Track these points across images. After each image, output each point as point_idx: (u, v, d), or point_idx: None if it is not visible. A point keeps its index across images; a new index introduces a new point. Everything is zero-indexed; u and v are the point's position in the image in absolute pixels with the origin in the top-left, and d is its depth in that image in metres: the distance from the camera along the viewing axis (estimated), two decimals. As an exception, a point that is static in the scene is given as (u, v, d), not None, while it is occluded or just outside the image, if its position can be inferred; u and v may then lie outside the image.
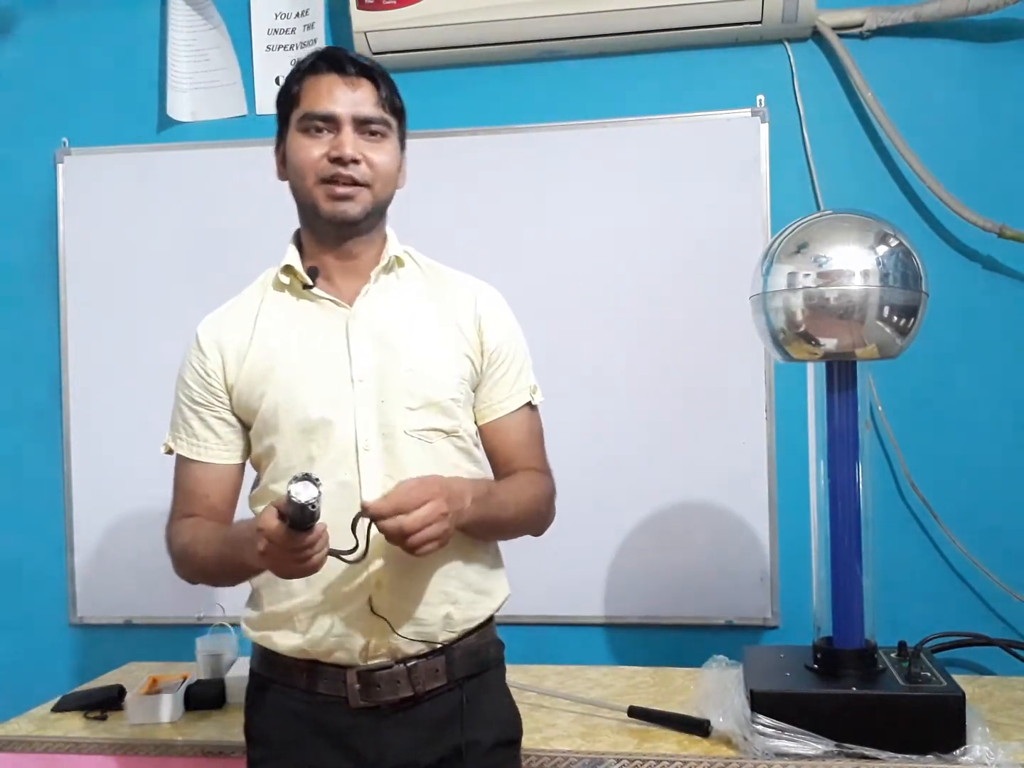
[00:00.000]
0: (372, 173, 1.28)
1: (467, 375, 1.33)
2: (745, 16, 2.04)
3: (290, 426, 1.28)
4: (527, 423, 1.40)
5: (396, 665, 1.27)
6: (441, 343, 1.32)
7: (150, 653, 2.25)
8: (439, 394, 1.29)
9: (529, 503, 1.35)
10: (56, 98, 2.35)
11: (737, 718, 1.57)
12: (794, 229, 1.62)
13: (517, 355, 1.39)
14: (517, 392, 1.38)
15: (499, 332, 1.37)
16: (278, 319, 1.34)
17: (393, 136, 1.31)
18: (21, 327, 2.36)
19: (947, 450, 2.06)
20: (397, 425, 1.27)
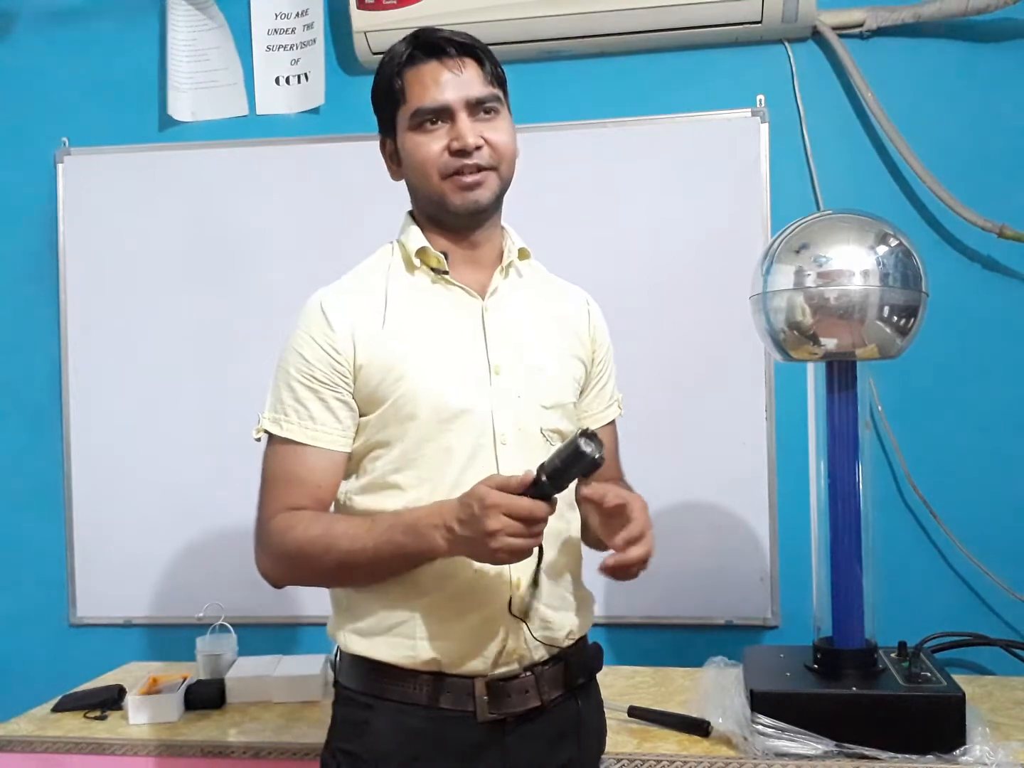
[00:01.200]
0: (496, 155, 1.22)
1: (580, 379, 1.34)
2: (745, 16, 2.04)
3: (429, 414, 1.19)
4: (614, 434, 1.42)
5: (524, 673, 1.20)
6: (561, 346, 1.31)
7: (150, 653, 2.25)
8: (565, 396, 1.29)
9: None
10: (56, 98, 2.35)
11: (737, 718, 1.57)
12: (794, 229, 1.62)
13: (611, 367, 1.41)
14: (612, 403, 1.41)
15: (605, 342, 1.39)
16: (411, 302, 1.25)
17: (505, 109, 1.25)
18: (21, 327, 2.35)
19: (947, 450, 2.06)
20: (533, 422, 1.23)
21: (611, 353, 1.41)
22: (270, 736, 1.70)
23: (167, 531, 2.26)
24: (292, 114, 2.28)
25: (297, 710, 1.84)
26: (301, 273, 2.25)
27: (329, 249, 2.23)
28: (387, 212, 2.36)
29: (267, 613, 2.22)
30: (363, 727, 1.20)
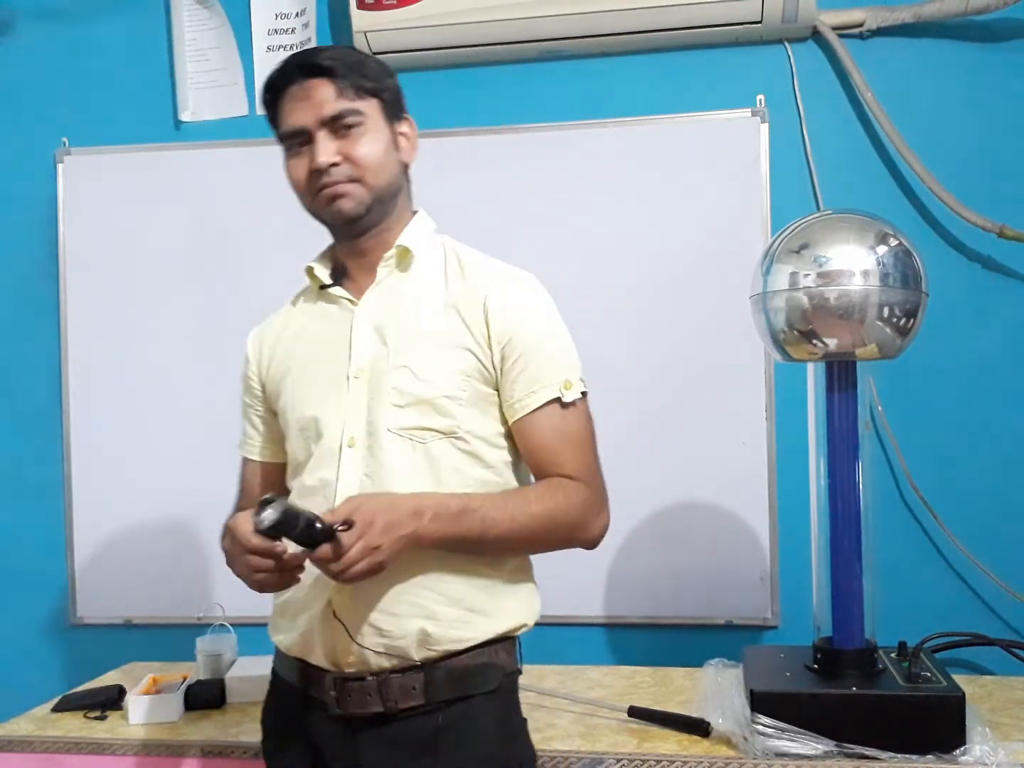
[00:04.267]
0: (357, 169, 1.25)
1: (471, 371, 1.24)
2: (745, 16, 2.04)
3: (293, 424, 1.31)
4: (555, 423, 1.26)
5: (369, 678, 1.21)
6: (440, 337, 1.25)
7: (150, 653, 2.25)
8: (430, 391, 1.23)
9: (540, 515, 1.22)
10: (56, 98, 2.35)
11: (737, 718, 1.57)
12: (794, 229, 1.62)
13: (540, 348, 1.26)
14: (541, 388, 1.25)
15: (511, 323, 1.25)
16: (301, 321, 1.37)
17: (371, 120, 1.26)
18: (21, 327, 2.36)
19: (947, 450, 2.06)
20: (381, 423, 1.23)
21: (536, 334, 1.27)
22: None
23: (167, 531, 2.26)
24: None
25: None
26: (301, 273, 2.24)
27: (329, 249, 2.23)
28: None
29: (267, 613, 2.21)
30: (267, 700, 1.38)
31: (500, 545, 1.23)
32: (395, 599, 1.21)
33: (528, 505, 1.23)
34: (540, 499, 1.24)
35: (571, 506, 1.24)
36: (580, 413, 1.29)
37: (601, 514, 1.28)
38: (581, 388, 1.29)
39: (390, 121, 1.30)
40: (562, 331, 1.31)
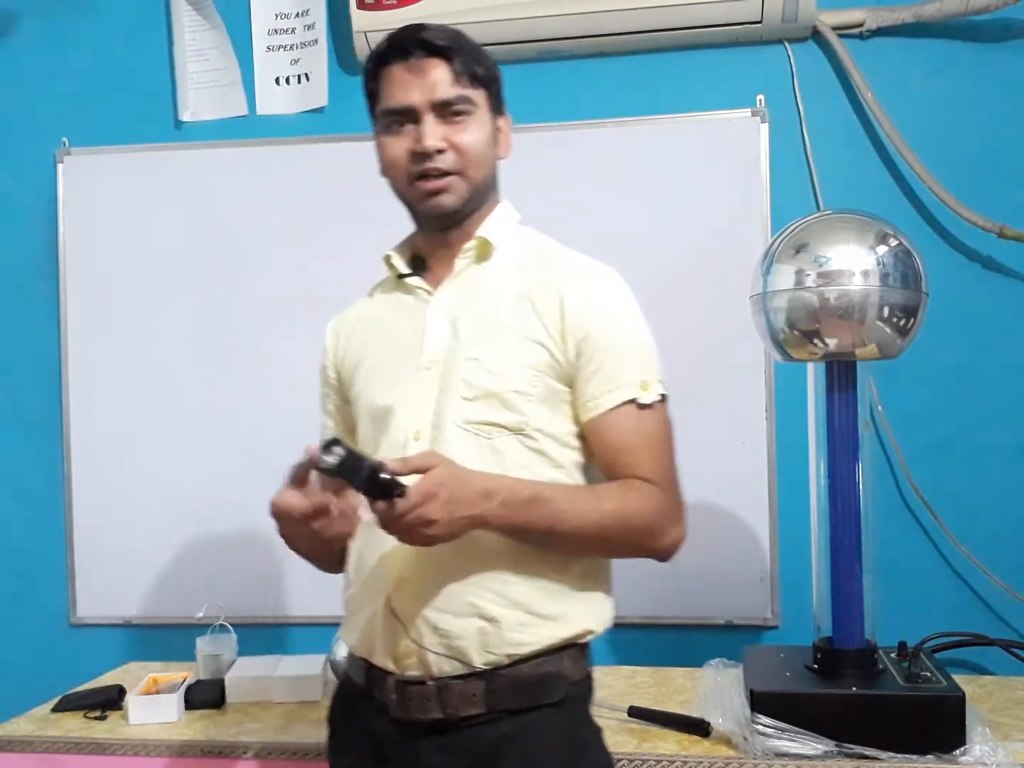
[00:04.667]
0: (461, 159, 1.21)
1: (543, 366, 1.19)
2: (745, 16, 2.04)
3: (364, 413, 1.29)
4: (632, 424, 1.19)
5: (429, 683, 1.16)
6: (513, 330, 1.20)
7: (150, 653, 2.25)
8: (500, 385, 1.18)
9: (611, 514, 1.16)
10: (56, 98, 2.35)
11: (737, 718, 1.57)
12: (794, 229, 1.62)
13: (618, 345, 1.21)
14: (617, 388, 1.19)
15: (588, 318, 1.20)
16: (378, 311, 1.35)
17: (479, 109, 1.22)
18: (21, 327, 2.36)
19: (947, 450, 2.06)
20: (449, 416, 1.19)
21: (615, 330, 1.22)
22: (270, 736, 1.70)
23: (167, 531, 2.26)
24: (292, 114, 2.28)
25: (297, 710, 1.84)
26: (301, 273, 2.25)
27: (329, 249, 2.23)
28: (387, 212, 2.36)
29: (267, 613, 2.22)
30: (334, 695, 1.34)
31: (568, 541, 1.16)
32: (454, 598, 1.16)
33: (600, 502, 1.17)
34: (612, 497, 1.18)
35: (645, 509, 1.18)
36: (658, 416, 1.22)
37: (676, 525, 1.20)
38: (660, 390, 1.22)
39: (493, 114, 1.26)
40: (642, 329, 1.25)
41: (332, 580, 2.19)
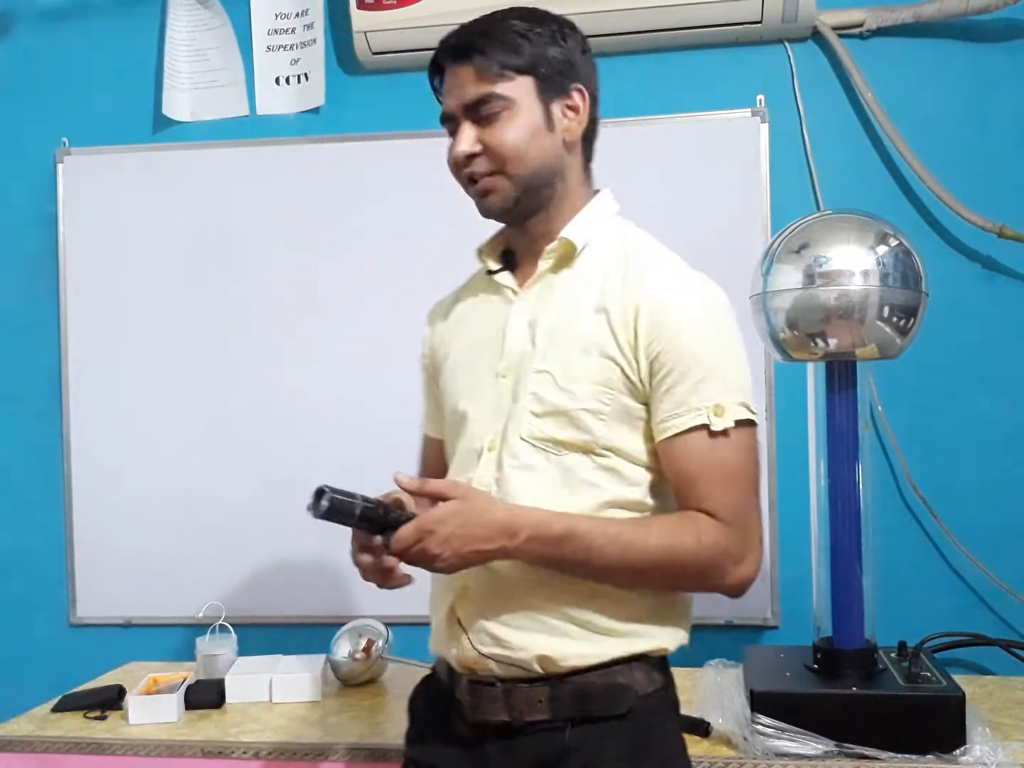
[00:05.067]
0: (497, 159, 1.16)
1: (614, 383, 1.13)
2: (745, 16, 2.04)
3: (448, 415, 1.28)
4: (702, 452, 1.11)
5: (498, 684, 1.15)
6: (588, 342, 1.14)
7: (150, 653, 2.25)
8: (569, 402, 1.13)
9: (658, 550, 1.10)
10: (56, 98, 2.35)
11: (737, 718, 1.57)
12: (794, 229, 1.62)
13: (692, 366, 1.11)
14: (688, 412, 1.11)
15: (663, 335, 1.11)
16: (469, 303, 1.31)
17: (519, 103, 1.16)
18: (21, 327, 2.35)
19: (947, 450, 2.06)
20: (517, 430, 1.16)
21: (693, 347, 1.12)
22: (270, 736, 1.70)
23: (167, 531, 2.26)
24: (292, 114, 2.28)
25: (297, 710, 1.84)
26: (301, 273, 2.25)
27: (329, 249, 2.23)
28: (387, 212, 2.37)
29: (267, 613, 2.22)
30: (421, 685, 1.31)
31: (609, 576, 1.12)
32: (517, 611, 1.14)
33: (648, 537, 1.10)
34: (663, 533, 1.11)
35: (701, 547, 1.10)
36: (735, 444, 1.12)
37: (742, 563, 1.12)
38: (740, 415, 1.12)
39: (546, 98, 1.17)
40: (724, 349, 1.14)
41: (332, 580, 2.20)
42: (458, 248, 1.38)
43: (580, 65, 1.20)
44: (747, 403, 1.13)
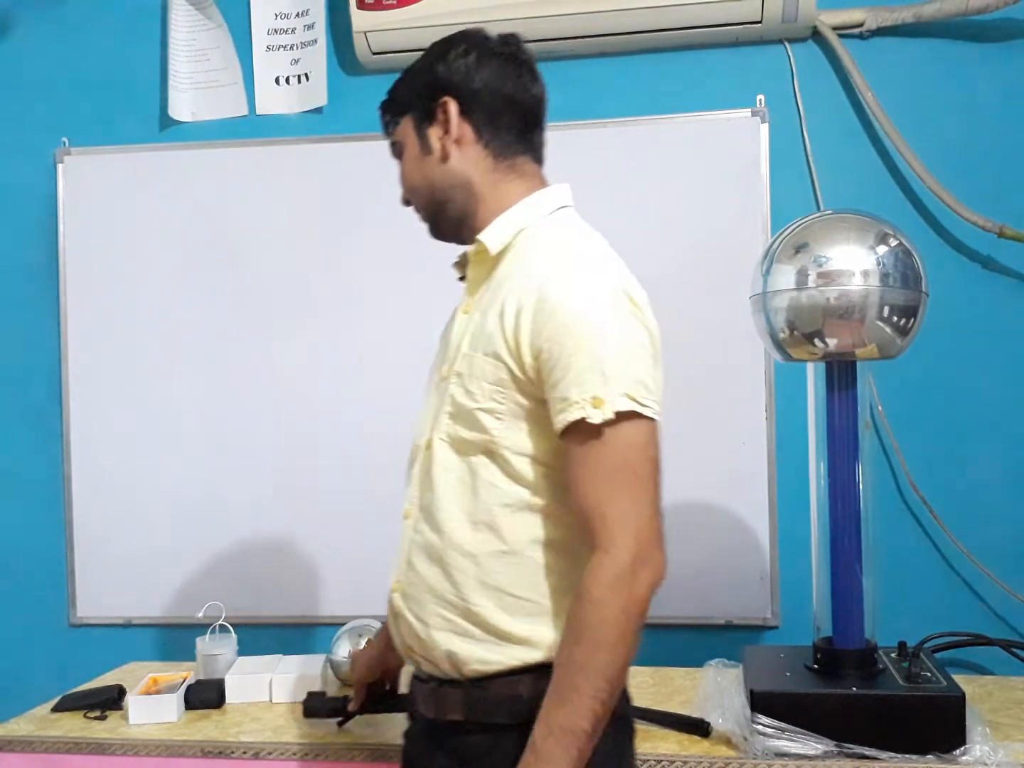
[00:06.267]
0: (407, 197, 1.27)
1: (506, 382, 1.12)
2: (745, 16, 2.04)
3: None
4: (583, 451, 1.07)
5: (430, 681, 1.19)
6: (485, 343, 1.14)
7: (150, 653, 2.25)
8: (470, 402, 1.14)
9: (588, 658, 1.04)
10: (56, 98, 2.35)
11: (737, 718, 1.57)
12: (794, 229, 1.62)
13: (572, 357, 1.07)
14: (568, 407, 1.06)
15: (546, 327, 1.08)
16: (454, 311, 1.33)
17: (406, 142, 1.24)
18: (21, 327, 2.36)
19: (947, 450, 2.06)
20: (437, 431, 1.18)
21: (571, 342, 1.07)
22: (270, 736, 1.70)
23: (167, 531, 2.26)
24: (292, 114, 2.28)
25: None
26: (301, 273, 2.25)
27: (329, 249, 2.23)
28: (386, 212, 2.36)
29: (267, 613, 2.22)
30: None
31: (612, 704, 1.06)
32: (429, 609, 1.17)
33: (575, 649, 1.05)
34: (573, 629, 1.06)
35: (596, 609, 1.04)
36: (618, 439, 1.06)
37: (640, 574, 1.04)
38: (621, 407, 1.05)
39: (421, 128, 1.22)
40: (607, 338, 1.08)
41: (332, 580, 2.20)
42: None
43: (450, 75, 1.19)
44: (632, 395, 1.06)
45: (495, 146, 1.20)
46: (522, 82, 1.20)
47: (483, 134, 1.20)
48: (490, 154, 1.20)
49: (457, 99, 1.18)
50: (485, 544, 1.14)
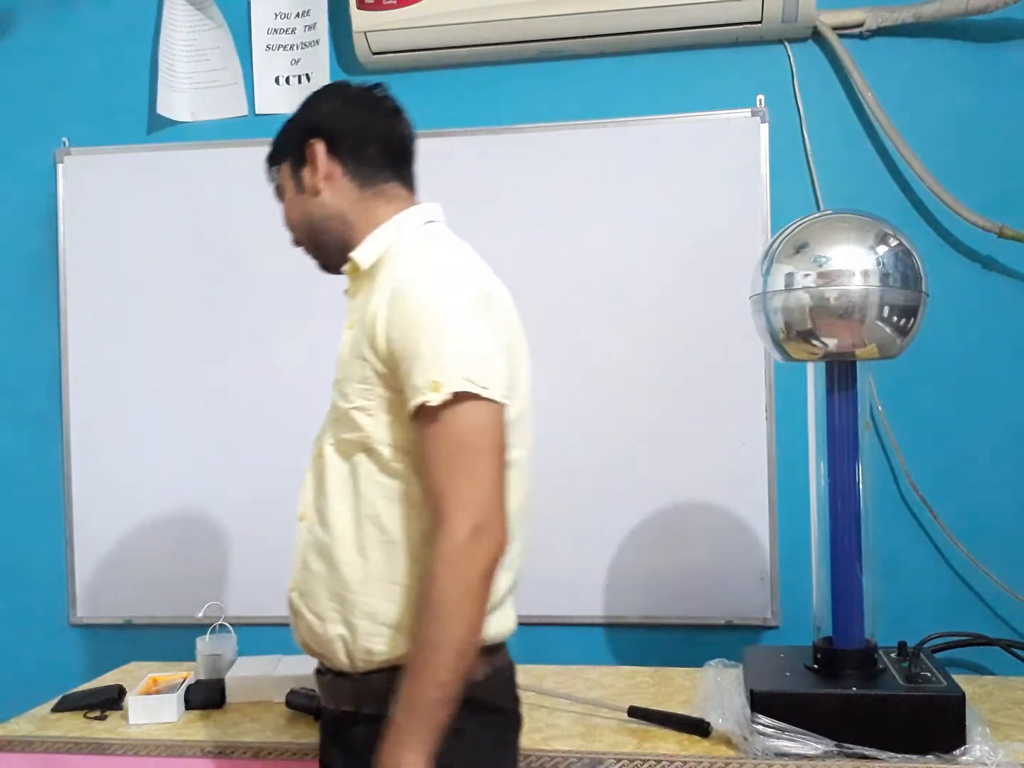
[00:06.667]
0: (292, 234, 1.37)
1: (371, 379, 1.18)
2: (745, 16, 2.04)
3: None
4: (426, 435, 1.12)
5: (327, 674, 1.27)
6: (351, 347, 1.23)
7: (150, 653, 2.25)
8: (344, 403, 1.22)
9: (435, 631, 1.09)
10: (56, 98, 2.35)
11: (737, 718, 1.57)
12: (794, 229, 1.62)
13: (415, 346, 1.13)
14: (414, 393, 1.12)
15: (398, 322, 1.15)
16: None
17: (285, 186, 1.36)
18: (21, 327, 2.36)
19: (947, 450, 2.06)
20: (325, 434, 1.28)
21: (415, 331, 1.13)
22: (270, 736, 1.70)
23: (167, 531, 2.26)
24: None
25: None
26: (301, 273, 2.24)
27: (329, 249, 2.23)
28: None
29: (267, 613, 2.22)
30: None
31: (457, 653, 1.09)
32: (323, 605, 1.23)
33: (423, 623, 1.10)
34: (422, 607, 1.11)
35: (442, 588, 1.08)
36: (456, 421, 1.11)
37: (478, 549, 1.08)
38: (459, 388, 1.10)
39: (295, 171, 1.33)
40: (444, 326, 1.13)
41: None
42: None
43: (318, 121, 1.32)
44: (471, 378, 1.11)
45: (361, 177, 1.31)
46: (386, 122, 1.33)
47: (349, 168, 1.30)
48: (357, 185, 1.30)
49: (324, 140, 1.30)
50: (370, 536, 1.20)
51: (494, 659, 1.23)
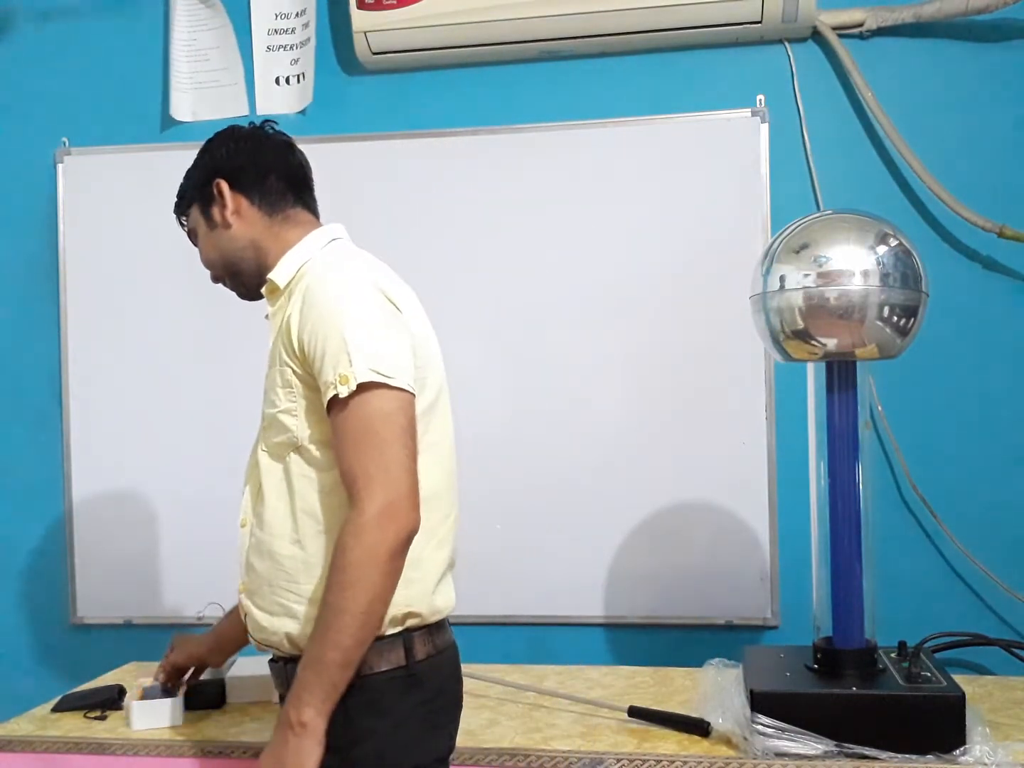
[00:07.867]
0: (211, 271, 1.45)
1: (293, 382, 1.26)
2: (745, 16, 2.05)
3: None
4: (339, 425, 1.19)
5: (278, 662, 1.32)
6: (273, 355, 1.32)
7: (150, 653, 2.24)
8: (271, 409, 1.31)
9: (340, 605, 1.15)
10: (56, 98, 2.35)
11: (737, 718, 1.57)
12: (794, 229, 1.62)
13: (322, 345, 1.20)
14: (326, 388, 1.20)
15: (307, 325, 1.23)
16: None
17: (198, 227, 1.42)
18: (21, 327, 2.36)
19: (947, 450, 2.06)
20: (259, 445, 1.35)
21: (322, 331, 1.21)
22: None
23: (167, 531, 2.26)
24: (292, 114, 2.28)
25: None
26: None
27: (329, 249, 2.23)
28: (384, 213, 2.36)
29: (267, 613, 2.22)
30: None
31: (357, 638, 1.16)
32: (269, 600, 1.29)
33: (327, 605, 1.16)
34: (329, 587, 1.17)
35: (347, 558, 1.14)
36: (363, 409, 1.18)
37: (387, 525, 1.14)
38: (364, 378, 1.17)
39: (205, 211, 1.40)
40: (343, 324, 1.20)
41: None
42: (458, 248, 1.38)
43: (217, 162, 1.41)
44: (376, 368, 1.18)
45: (268, 206, 1.38)
46: (279, 153, 1.41)
47: (255, 199, 1.38)
48: (265, 213, 1.38)
49: (226, 178, 1.38)
50: (306, 528, 1.26)
51: (435, 638, 1.29)
